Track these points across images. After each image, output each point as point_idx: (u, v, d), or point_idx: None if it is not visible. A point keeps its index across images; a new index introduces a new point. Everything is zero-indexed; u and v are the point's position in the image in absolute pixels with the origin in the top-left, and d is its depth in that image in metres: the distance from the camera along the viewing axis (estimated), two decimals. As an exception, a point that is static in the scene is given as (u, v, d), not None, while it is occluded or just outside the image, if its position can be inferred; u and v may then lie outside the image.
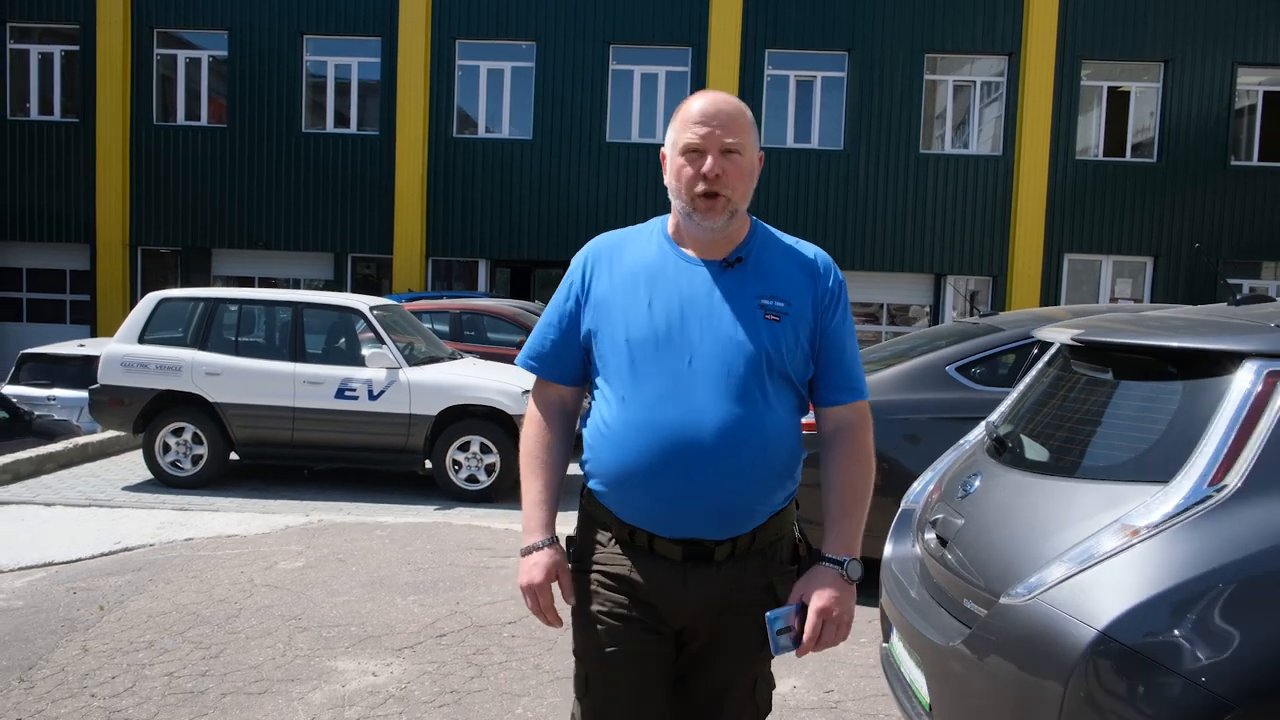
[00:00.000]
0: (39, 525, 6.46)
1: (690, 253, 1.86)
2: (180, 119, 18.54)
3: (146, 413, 7.62)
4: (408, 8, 17.82)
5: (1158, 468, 2.16)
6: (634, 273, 1.86)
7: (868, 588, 2.55)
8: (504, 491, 7.45)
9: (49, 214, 18.33)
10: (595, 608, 1.86)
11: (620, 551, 1.85)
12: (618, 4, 17.84)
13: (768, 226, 1.95)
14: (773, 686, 1.97)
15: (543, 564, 1.87)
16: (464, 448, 7.49)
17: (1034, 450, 2.65)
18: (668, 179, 1.86)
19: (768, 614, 1.80)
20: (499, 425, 7.42)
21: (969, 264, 18.23)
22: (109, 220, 18.20)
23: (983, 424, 3.08)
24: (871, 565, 2.32)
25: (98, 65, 17.90)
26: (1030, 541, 2.30)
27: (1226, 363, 2.19)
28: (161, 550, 5.86)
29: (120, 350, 7.66)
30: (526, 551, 1.90)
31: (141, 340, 7.69)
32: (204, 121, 18.52)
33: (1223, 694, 1.91)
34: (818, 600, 1.80)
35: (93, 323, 18.22)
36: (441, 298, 13.52)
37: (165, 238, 18.56)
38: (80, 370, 10.65)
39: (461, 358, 8.67)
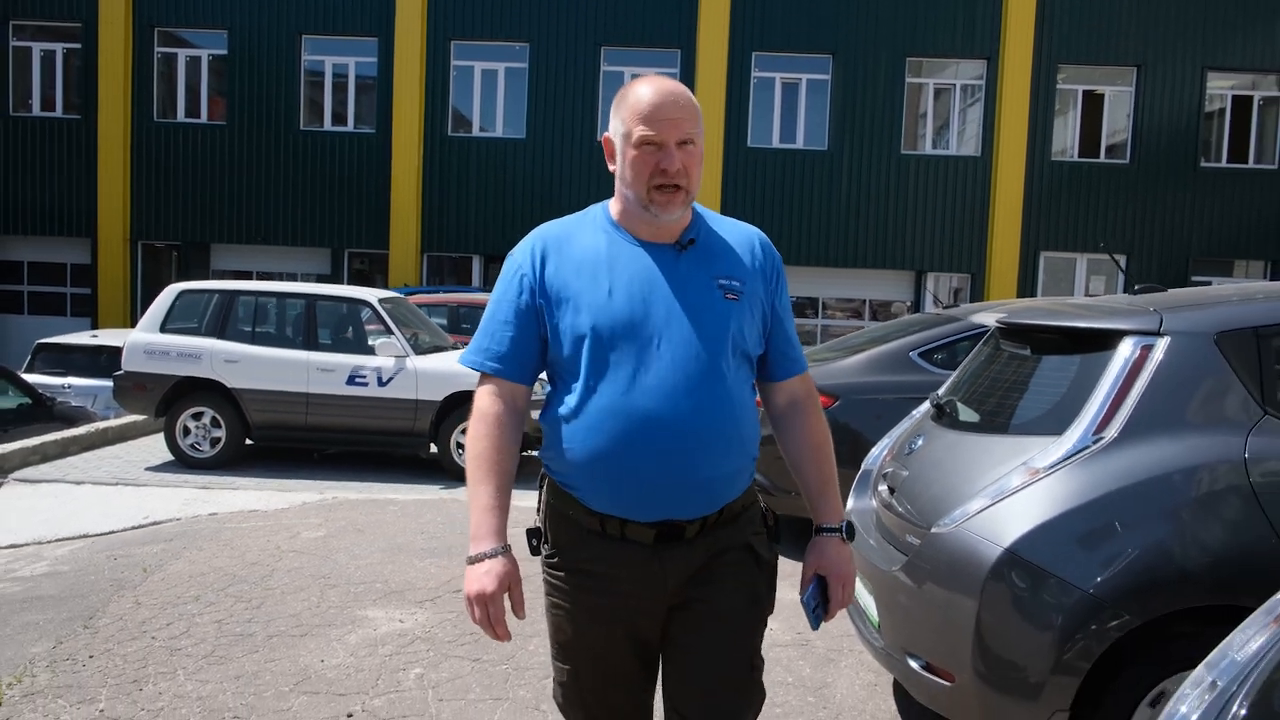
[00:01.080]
0: (71, 502, 6.93)
1: (640, 237, 1.87)
2: (180, 116, 18.94)
3: (168, 398, 8.11)
4: (404, 9, 18.27)
5: (1057, 422, 2.70)
6: (587, 261, 1.85)
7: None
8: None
9: (51, 208, 18.71)
10: (572, 607, 1.87)
11: (590, 544, 1.84)
12: (609, 7, 18.34)
13: (702, 208, 1.96)
14: (763, 664, 1.95)
15: (496, 573, 1.78)
16: (467, 431, 7.98)
17: (966, 413, 3.19)
18: (616, 167, 1.86)
19: (802, 599, 1.94)
20: (500, 410, 7.93)
21: (949, 261, 18.82)
22: (110, 215, 18.60)
23: (929, 396, 3.62)
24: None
25: (99, 63, 18.29)
26: (958, 484, 2.83)
27: (1113, 338, 2.73)
28: (189, 524, 6.33)
29: (143, 339, 8.14)
30: (475, 559, 1.80)
31: (163, 329, 8.17)
32: (204, 119, 18.92)
33: (1101, 596, 2.44)
34: (834, 569, 1.94)
35: (93, 315, 18.61)
36: (438, 292, 14.04)
37: (165, 232, 18.96)
38: (92, 359, 11.09)
39: (463, 348, 9.16)
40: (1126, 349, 2.67)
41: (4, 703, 3.46)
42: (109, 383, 9.99)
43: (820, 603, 1.95)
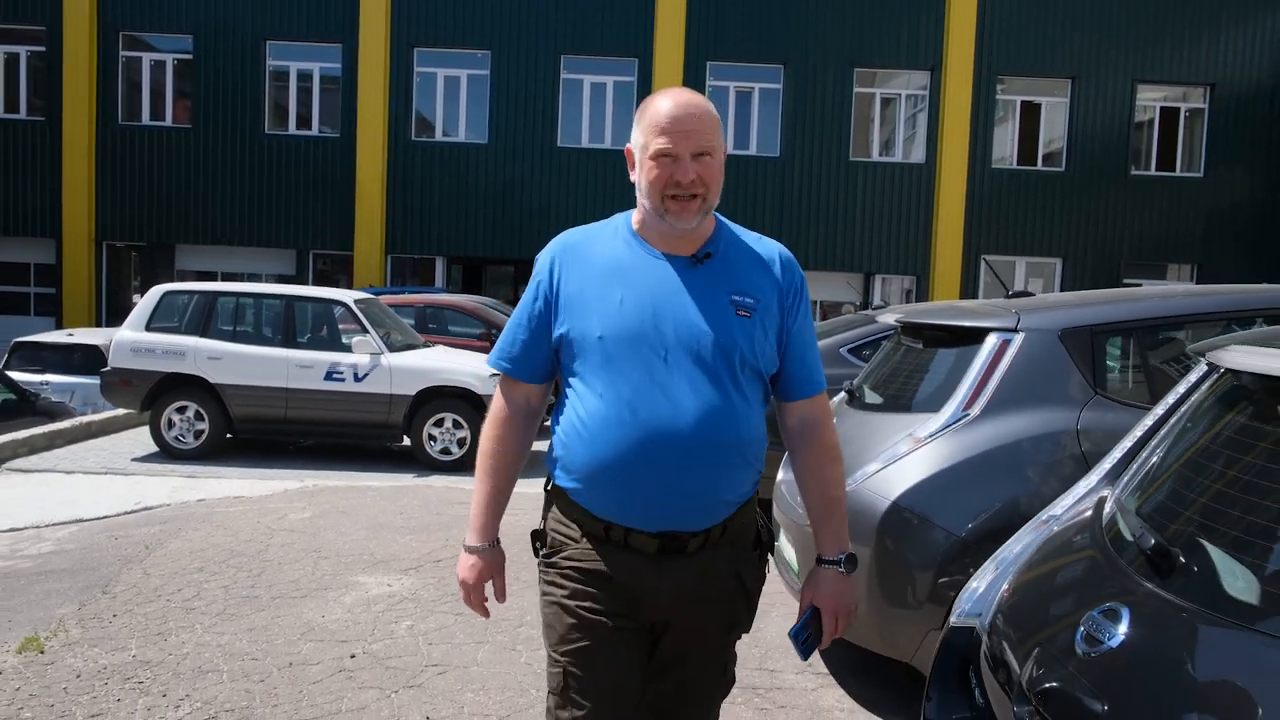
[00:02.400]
0: (64, 490, 7.36)
1: (657, 248, 1.88)
2: (145, 119, 19.21)
3: (153, 392, 8.57)
4: (368, 16, 18.71)
5: (936, 402, 3.36)
6: (603, 270, 1.87)
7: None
8: (474, 462, 8.49)
9: (15, 209, 18.88)
10: (569, 604, 1.87)
11: (592, 547, 1.86)
12: (569, 17, 18.93)
13: (729, 222, 1.97)
14: (735, 660, 2.03)
15: (478, 568, 1.97)
16: (439, 423, 8.56)
17: (872, 397, 3.85)
18: (636, 178, 1.86)
19: (789, 632, 1.92)
20: (470, 404, 8.51)
21: (895, 264, 19.67)
22: (75, 216, 18.82)
23: (843, 385, 4.27)
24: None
25: (64, 66, 18.51)
26: (861, 452, 3.47)
27: (981, 334, 3.39)
28: (180, 508, 6.80)
29: (130, 337, 8.60)
30: (466, 550, 1.99)
31: (148, 328, 8.63)
32: (169, 121, 19.21)
33: (964, 537, 3.10)
34: (828, 604, 1.90)
35: (58, 315, 18.79)
36: (403, 293, 14.53)
37: (130, 233, 19.22)
38: (67, 357, 11.45)
39: (432, 346, 9.71)
40: (991, 342, 3.33)
41: (46, 651, 3.98)
42: (85, 379, 10.43)
43: (812, 634, 1.91)
